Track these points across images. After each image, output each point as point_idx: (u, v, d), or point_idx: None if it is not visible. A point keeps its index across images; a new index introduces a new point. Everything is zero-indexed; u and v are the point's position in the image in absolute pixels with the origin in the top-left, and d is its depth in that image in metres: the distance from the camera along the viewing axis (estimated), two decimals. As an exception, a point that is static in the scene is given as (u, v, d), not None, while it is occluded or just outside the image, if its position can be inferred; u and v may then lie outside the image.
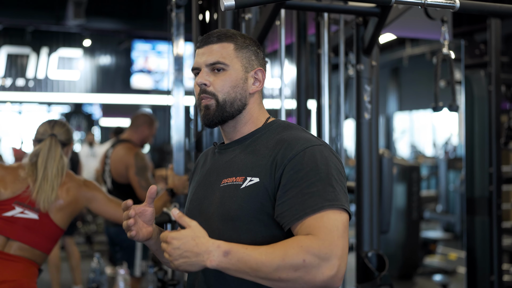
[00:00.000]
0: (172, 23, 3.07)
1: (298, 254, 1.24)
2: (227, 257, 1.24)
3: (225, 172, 1.47)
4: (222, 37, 1.48)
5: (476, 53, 4.05)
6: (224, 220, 1.41)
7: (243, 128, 1.51)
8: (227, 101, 1.46)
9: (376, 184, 2.72)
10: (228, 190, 1.42)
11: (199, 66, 1.49)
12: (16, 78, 12.04)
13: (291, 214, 1.32)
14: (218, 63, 1.46)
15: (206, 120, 1.48)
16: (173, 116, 3.16)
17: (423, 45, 11.00)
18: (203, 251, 1.24)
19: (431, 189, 10.57)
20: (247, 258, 1.24)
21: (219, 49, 1.47)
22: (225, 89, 1.46)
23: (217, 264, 1.24)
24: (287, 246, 1.26)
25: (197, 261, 1.24)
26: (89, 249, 7.44)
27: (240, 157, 1.47)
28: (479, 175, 3.88)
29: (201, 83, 1.46)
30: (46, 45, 12.05)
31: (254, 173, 1.40)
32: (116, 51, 12.71)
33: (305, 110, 3.45)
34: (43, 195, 2.42)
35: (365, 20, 2.68)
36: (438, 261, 6.59)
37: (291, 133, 1.44)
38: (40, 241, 2.45)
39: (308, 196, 1.31)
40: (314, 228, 1.28)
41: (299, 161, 1.36)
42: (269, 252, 1.25)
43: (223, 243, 1.26)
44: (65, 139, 2.57)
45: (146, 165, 4.08)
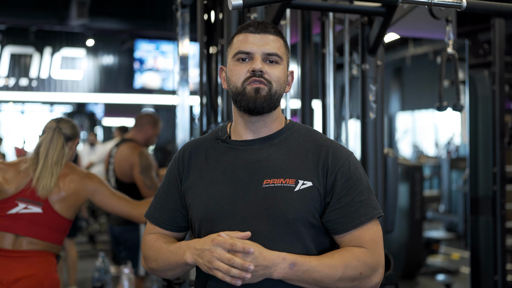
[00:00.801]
0: (177, 23, 3.08)
1: (357, 267, 1.37)
2: (293, 269, 1.34)
3: (263, 171, 1.44)
4: (277, 31, 1.48)
5: (480, 53, 4.06)
6: (277, 222, 1.40)
7: (272, 125, 1.51)
8: (277, 93, 1.46)
9: (381, 184, 2.72)
10: (278, 192, 1.41)
11: (253, 52, 1.44)
12: (19, 78, 12.06)
13: (346, 221, 1.42)
14: (276, 55, 1.45)
15: (255, 103, 1.43)
16: (178, 115, 3.16)
17: (426, 45, 11.00)
18: (271, 263, 1.32)
19: (433, 189, 10.56)
20: (312, 270, 1.34)
21: (276, 41, 1.47)
22: (280, 82, 1.47)
23: (283, 275, 1.34)
24: (346, 259, 1.37)
25: (264, 273, 1.33)
26: (92, 248, 7.46)
27: (278, 157, 1.46)
28: (483, 175, 3.89)
29: (260, 69, 1.42)
30: (49, 45, 12.06)
31: (304, 177, 1.43)
32: (119, 51, 12.73)
33: (310, 110, 3.45)
34: (42, 181, 2.44)
35: (370, 20, 2.68)
36: (441, 261, 6.58)
37: (323, 138, 1.51)
38: (48, 233, 2.46)
39: (359, 204, 1.43)
40: (364, 241, 1.41)
41: (347, 170, 1.44)
42: (331, 265, 1.36)
43: (287, 255, 1.34)
44: (70, 133, 2.59)
45: (151, 164, 4.08)
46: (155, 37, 12.17)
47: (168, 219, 1.56)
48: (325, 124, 3.26)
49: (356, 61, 3.45)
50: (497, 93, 3.78)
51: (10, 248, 2.42)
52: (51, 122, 2.61)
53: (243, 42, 1.45)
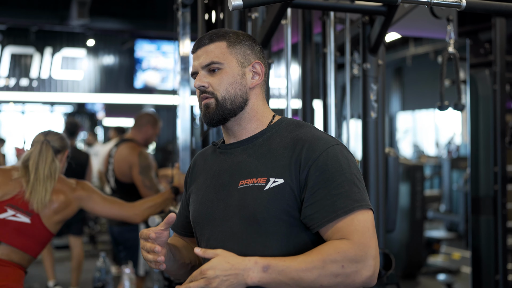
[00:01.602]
0: (178, 23, 3.07)
1: (337, 261, 1.28)
2: (267, 272, 1.27)
3: (241, 173, 1.44)
4: (213, 37, 1.48)
5: (481, 52, 4.05)
6: (247, 223, 1.39)
7: (249, 125, 1.49)
8: (226, 99, 1.45)
9: (382, 183, 2.72)
10: (249, 192, 1.40)
11: (196, 69, 1.49)
12: (20, 78, 12.06)
13: (321, 216, 1.34)
14: (212, 63, 1.46)
15: (206, 119, 1.47)
16: (179, 115, 3.16)
17: (426, 45, 11.00)
18: (242, 270, 1.27)
19: (434, 188, 10.56)
20: (288, 270, 1.27)
21: (212, 49, 1.47)
22: (223, 87, 1.46)
23: (258, 280, 1.27)
24: (324, 254, 1.29)
25: (238, 281, 1.27)
26: (93, 248, 7.46)
27: (255, 157, 1.44)
28: (484, 174, 3.88)
29: (199, 85, 1.46)
30: (50, 45, 12.07)
31: (276, 174, 1.39)
32: (120, 51, 12.73)
33: (311, 109, 3.45)
34: (37, 196, 2.42)
35: (371, 19, 2.68)
36: (441, 260, 6.58)
37: (307, 132, 1.44)
38: (31, 244, 2.43)
39: (336, 197, 1.34)
40: (347, 232, 1.31)
41: (323, 162, 1.37)
42: (308, 261, 1.28)
43: (259, 258, 1.29)
44: (59, 146, 2.57)
45: (150, 164, 4.08)
46: (155, 37, 12.18)
47: (182, 226, 1.65)
48: (326, 124, 3.26)
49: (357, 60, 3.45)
50: (498, 92, 3.78)
51: None
52: (38, 135, 2.59)
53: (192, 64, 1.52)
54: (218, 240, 1.43)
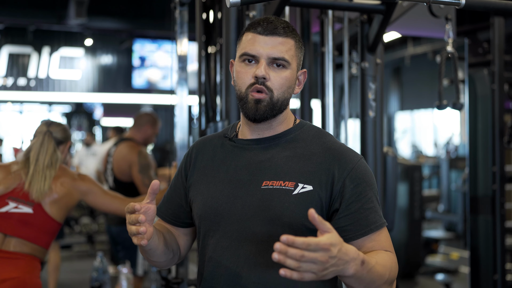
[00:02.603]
0: (176, 21, 3.06)
1: (395, 270, 1.37)
2: (363, 266, 1.21)
3: (265, 173, 1.41)
4: (287, 31, 1.40)
5: (479, 52, 4.04)
6: (271, 225, 1.37)
7: (278, 127, 1.46)
8: (280, 100, 1.41)
9: (381, 182, 2.71)
10: (276, 194, 1.37)
11: (258, 55, 1.39)
12: (18, 78, 12.04)
13: (356, 229, 1.37)
14: (283, 59, 1.39)
15: (254, 114, 1.40)
16: (177, 115, 3.16)
17: (425, 45, 10.99)
18: (350, 258, 1.17)
19: (432, 188, 10.56)
20: (373, 270, 1.26)
21: (284, 44, 1.39)
22: (283, 88, 1.40)
23: (354, 273, 1.19)
24: (389, 262, 1.35)
25: (343, 268, 1.16)
26: (91, 248, 7.44)
27: (281, 159, 1.42)
28: (483, 174, 3.88)
29: (263, 76, 1.37)
30: (48, 45, 12.05)
31: (305, 180, 1.38)
32: (118, 50, 12.71)
33: (309, 109, 3.44)
34: (36, 185, 2.43)
35: (369, 18, 2.67)
36: (440, 260, 6.57)
37: (334, 141, 1.46)
38: (37, 235, 2.44)
39: (368, 212, 1.38)
40: (384, 245, 1.39)
41: (356, 176, 1.39)
42: (383, 265, 1.32)
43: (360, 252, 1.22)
44: (61, 137, 2.58)
45: (150, 163, 4.09)
46: (153, 36, 12.16)
47: (172, 214, 1.57)
48: (324, 124, 3.24)
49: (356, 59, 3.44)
50: (496, 92, 3.77)
51: None
52: (41, 126, 2.59)
53: (250, 43, 1.40)
54: (233, 238, 1.40)
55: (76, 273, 6.27)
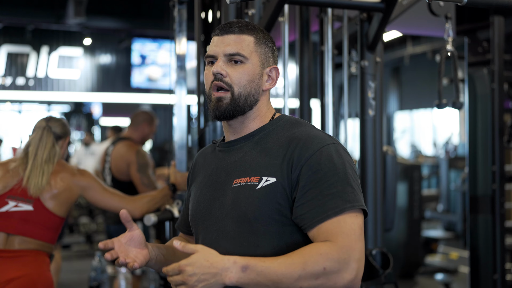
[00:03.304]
0: (175, 20, 3.05)
1: (318, 262, 1.24)
2: (246, 272, 1.22)
3: (236, 171, 1.42)
4: (243, 29, 1.44)
5: (479, 51, 4.03)
6: (240, 222, 1.37)
7: (251, 124, 1.47)
8: (241, 95, 1.42)
9: (380, 182, 2.70)
10: (242, 191, 1.38)
11: (216, 54, 1.43)
12: (16, 77, 12.02)
13: (312, 216, 1.31)
14: (238, 54, 1.41)
15: (217, 113, 1.43)
16: (176, 114, 3.15)
17: (424, 44, 10.99)
18: (220, 269, 1.21)
19: (432, 188, 10.56)
20: (267, 271, 1.22)
21: (240, 40, 1.42)
22: (242, 82, 1.42)
23: (236, 280, 1.21)
24: (306, 255, 1.25)
25: (216, 281, 1.21)
26: (90, 248, 7.43)
27: (251, 156, 1.42)
28: (482, 173, 3.87)
29: (218, 72, 1.40)
30: (46, 44, 12.03)
31: (269, 173, 1.36)
32: (117, 49, 12.69)
33: (308, 109, 3.43)
34: (34, 180, 2.42)
35: (369, 16, 2.66)
36: (439, 260, 6.56)
37: (303, 130, 1.41)
38: (40, 231, 2.43)
39: (328, 197, 1.30)
40: (332, 233, 1.28)
41: (316, 161, 1.34)
42: (288, 262, 1.24)
43: (238, 258, 1.23)
44: (60, 132, 2.57)
45: (148, 162, 4.10)
46: (152, 35, 12.15)
47: (185, 224, 1.64)
48: (323, 123, 3.23)
49: (355, 58, 3.43)
50: (496, 91, 3.76)
51: (2, 248, 2.38)
52: (40, 121, 2.59)
53: (210, 45, 1.46)
54: (212, 239, 1.41)
55: (75, 273, 6.26)
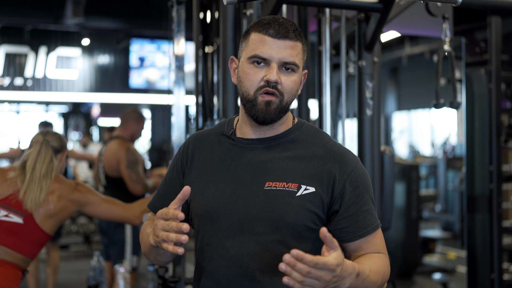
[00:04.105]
0: (173, 20, 3.06)
1: (387, 273, 1.42)
2: (358, 278, 1.27)
3: (266, 173, 1.41)
4: (297, 35, 1.40)
5: (476, 51, 4.05)
6: (274, 226, 1.38)
7: (279, 127, 1.47)
8: (288, 103, 1.42)
9: (378, 181, 2.71)
10: (279, 195, 1.38)
11: (270, 58, 1.38)
12: (14, 77, 12.01)
13: (354, 231, 1.42)
14: (293, 64, 1.39)
15: (264, 116, 1.39)
16: (174, 114, 3.15)
17: (422, 44, 10.99)
18: (348, 274, 1.23)
19: (430, 188, 10.57)
20: (368, 279, 1.32)
21: (294, 48, 1.39)
22: (292, 92, 1.41)
23: (349, 285, 1.25)
24: (382, 266, 1.40)
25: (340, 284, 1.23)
26: (88, 248, 7.43)
27: (282, 160, 1.42)
28: (480, 173, 3.88)
29: (275, 80, 1.37)
30: (45, 44, 12.01)
31: (308, 182, 1.39)
32: (115, 50, 12.69)
33: (306, 109, 3.43)
34: (31, 195, 2.39)
35: (367, 16, 2.67)
36: (437, 260, 6.59)
37: (333, 143, 1.48)
38: (23, 245, 2.40)
39: (365, 214, 1.43)
40: (379, 247, 1.45)
41: (355, 178, 1.43)
42: (376, 272, 1.36)
43: (356, 264, 1.27)
44: (58, 145, 2.56)
45: (137, 159, 4.23)
46: (151, 36, 12.14)
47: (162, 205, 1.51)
48: (321, 124, 3.24)
49: (353, 58, 3.44)
50: (493, 91, 3.78)
51: None
52: (37, 135, 2.58)
53: (261, 46, 1.38)
54: (236, 238, 1.39)
55: (73, 273, 6.26)
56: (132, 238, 4.24)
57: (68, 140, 2.67)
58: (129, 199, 3.56)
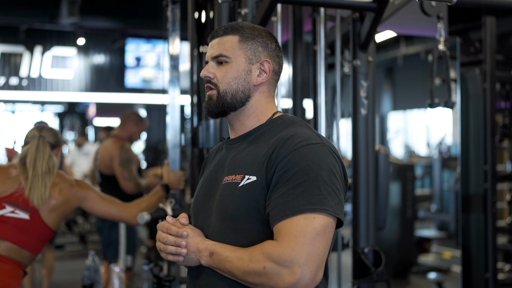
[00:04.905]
0: (168, 19, 3.06)
1: (259, 260, 1.28)
2: (212, 258, 1.36)
3: (229, 169, 1.46)
4: (227, 30, 1.50)
5: (471, 51, 4.06)
6: (222, 219, 1.40)
7: (247, 121, 1.50)
8: (227, 92, 1.48)
9: (373, 180, 2.71)
10: (227, 188, 1.41)
11: (207, 59, 1.52)
12: (10, 77, 11.97)
13: (274, 214, 1.31)
14: (220, 55, 1.49)
15: (206, 109, 1.51)
16: (169, 113, 3.15)
17: (417, 44, 11.01)
18: (196, 250, 1.39)
19: (425, 188, 10.59)
20: (225, 261, 1.34)
21: (223, 42, 1.50)
22: (226, 80, 1.48)
23: (206, 263, 1.38)
24: (252, 252, 1.31)
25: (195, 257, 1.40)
26: (83, 248, 7.42)
27: (242, 154, 1.46)
28: (474, 172, 3.89)
29: (204, 75, 1.50)
30: (40, 44, 11.98)
31: (252, 172, 1.39)
32: (110, 49, 12.66)
33: (301, 109, 3.44)
34: (36, 192, 2.41)
35: (361, 16, 2.67)
36: (432, 259, 6.59)
37: (291, 130, 1.42)
38: (30, 241, 2.43)
39: (292, 197, 1.30)
40: (281, 234, 1.28)
41: (290, 160, 1.33)
42: (239, 256, 1.33)
43: (211, 243, 1.38)
44: (54, 141, 2.57)
45: (131, 157, 4.27)
46: (146, 36, 12.13)
47: None
48: (316, 123, 3.24)
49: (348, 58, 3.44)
50: (488, 91, 3.79)
51: None
52: (32, 131, 2.58)
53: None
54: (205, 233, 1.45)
55: (68, 273, 6.25)
56: (126, 238, 4.25)
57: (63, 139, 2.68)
58: (123, 197, 3.58)
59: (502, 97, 4.19)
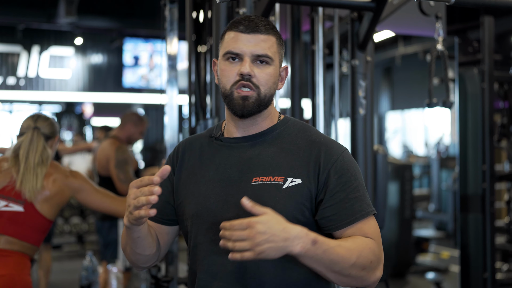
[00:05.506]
0: (166, 19, 3.05)
1: (368, 255, 1.35)
2: (315, 246, 1.27)
3: (253, 169, 1.43)
4: (268, 28, 1.44)
5: (469, 51, 4.06)
6: None
7: (262, 123, 1.49)
8: (266, 96, 1.44)
9: (371, 180, 2.71)
10: (266, 190, 1.40)
11: (242, 53, 1.42)
12: (7, 77, 11.94)
13: (341, 219, 1.39)
14: (266, 56, 1.42)
15: (242, 110, 1.42)
16: (167, 113, 3.15)
17: (415, 44, 11.01)
18: (292, 236, 1.24)
19: (423, 188, 10.60)
20: (331, 251, 1.29)
21: (266, 41, 1.43)
22: (269, 84, 1.44)
23: (304, 251, 1.26)
24: (360, 245, 1.35)
25: (284, 246, 1.23)
26: (81, 248, 7.41)
27: (269, 155, 1.44)
28: (473, 172, 3.89)
29: (248, 73, 1.40)
30: (37, 44, 11.96)
31: (294, 174, 1.41)
32: (108, 49, 12.64)
33: (299, 109, 3.43)
34: (28, 184, 2.40)
35: (360, 16, 2.67)
36: (430, 259, 6.60)
37: (318, 134, 1.49)
38: (27, 233, 2.41)
39: (353, 201, 1.40)
40: (368, 232, 1.39)
41: (341, 166, 1.42)
42: (348, 248, 1.32)
43: (308, 230, 1.28)
44: (49, 132, 2.54)
45: (127, 159, 4.24)
46: (144, 35, 12.11)
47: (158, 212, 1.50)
48: (314, 123, 3.23)
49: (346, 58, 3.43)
50: (486, 90, 3.79)
51: None
52: (28, 121, 2.54)
53: (233, 42, 1.43)
54: None
55: (66, 273, 6.24)
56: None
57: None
58: None
59: (500, 97, 4.19)
